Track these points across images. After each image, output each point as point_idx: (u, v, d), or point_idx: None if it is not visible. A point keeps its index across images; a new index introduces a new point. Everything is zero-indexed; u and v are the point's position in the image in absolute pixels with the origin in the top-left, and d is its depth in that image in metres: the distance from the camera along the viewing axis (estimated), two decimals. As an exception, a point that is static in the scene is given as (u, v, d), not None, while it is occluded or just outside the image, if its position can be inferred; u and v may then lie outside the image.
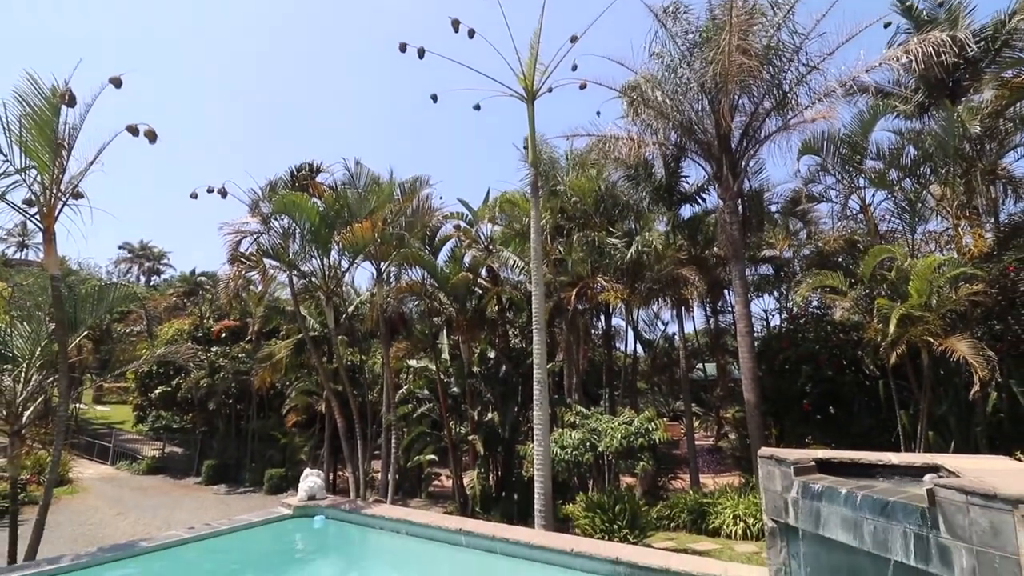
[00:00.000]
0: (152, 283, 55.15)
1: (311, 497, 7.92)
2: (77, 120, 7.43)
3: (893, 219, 12.63)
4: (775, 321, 21.32)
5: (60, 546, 11.29)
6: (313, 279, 13.01)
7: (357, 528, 7.48)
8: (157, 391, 23.00)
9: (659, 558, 5.09)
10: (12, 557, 8.94)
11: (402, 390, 16.60)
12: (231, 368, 21.09)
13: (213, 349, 21.91)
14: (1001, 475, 3.22)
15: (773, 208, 17.01)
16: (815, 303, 14.96)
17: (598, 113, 21.32)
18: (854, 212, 14.12)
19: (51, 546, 10.33)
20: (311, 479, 8.07)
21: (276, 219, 12.00)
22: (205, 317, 24.32)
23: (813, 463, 4.31)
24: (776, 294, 20.42)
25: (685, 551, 8.01)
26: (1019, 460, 4.16)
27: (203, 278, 30.04)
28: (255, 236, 12.16)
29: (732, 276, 12.30)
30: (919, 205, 11.50)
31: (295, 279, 13.39)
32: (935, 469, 3.64)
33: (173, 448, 27.04)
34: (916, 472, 3.74)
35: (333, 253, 12.32)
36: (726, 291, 19.49)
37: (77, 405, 29.67)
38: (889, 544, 3.37)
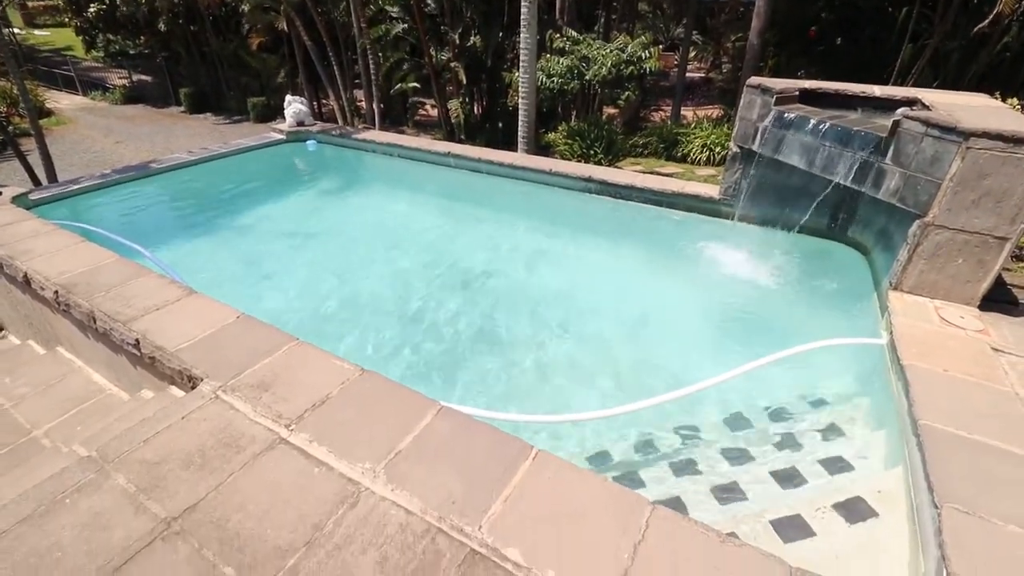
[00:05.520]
0: None
1: (299, 123, 8.08)
2: None
3: None
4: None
5: (75, 173, 12.10)
6: None
7: (351, 151, 7.96)
8: (92, 9, 20.06)
9: (626, 177, 5.70)
10: (35, 181, 9.73)
11: (371, 6, 14.62)
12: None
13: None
14: (972, 111, 3.29)
15: None
16: None
17: None
18: None
19: (67, 174, 11.10)
20: (295, 105, 8.05)
21: None
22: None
23: (797, 93, 4.33)
24: None
25: (652, 173, 8.89)
26: (996, 99, 4.18)
27: None
28: None
29: None
30: None
31: None
32: (913, 103, 3.69)
33: (141, 76, 25.64)
34: (894, 105, 3.79)
35: None
36: None
37: (12, 30, 26.50)
38: (835, 168, 3.74)
